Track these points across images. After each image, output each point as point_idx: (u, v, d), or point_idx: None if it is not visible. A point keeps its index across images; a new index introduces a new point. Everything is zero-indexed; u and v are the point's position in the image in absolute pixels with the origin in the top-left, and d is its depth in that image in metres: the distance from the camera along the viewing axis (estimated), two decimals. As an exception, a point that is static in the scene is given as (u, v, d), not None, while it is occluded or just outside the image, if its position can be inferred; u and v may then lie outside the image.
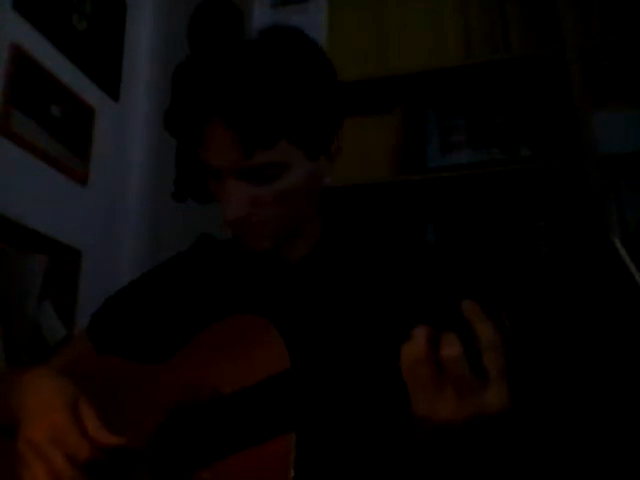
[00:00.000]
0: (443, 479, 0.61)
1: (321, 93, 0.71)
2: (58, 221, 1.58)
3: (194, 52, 0.71)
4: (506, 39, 1.58)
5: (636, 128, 1.42)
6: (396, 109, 1.67)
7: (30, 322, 1.43)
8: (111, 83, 1.90)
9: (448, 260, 0.84)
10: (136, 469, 0.69)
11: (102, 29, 1.87)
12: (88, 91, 1.76)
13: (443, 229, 1.57)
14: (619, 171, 1.43)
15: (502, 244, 1.50)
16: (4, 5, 1.46)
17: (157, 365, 0.75)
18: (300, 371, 0.62)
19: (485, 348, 0.52)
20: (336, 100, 0.74)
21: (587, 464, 1.08)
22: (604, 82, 1.48)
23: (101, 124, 1.80)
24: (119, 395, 0.74)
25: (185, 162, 1.88)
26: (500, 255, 1.49)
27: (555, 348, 0.55)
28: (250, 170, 0.68)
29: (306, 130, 0.69)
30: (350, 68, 1.66)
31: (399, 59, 1.66)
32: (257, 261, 0.82)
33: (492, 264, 1.48)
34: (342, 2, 1.76)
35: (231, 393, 0.65)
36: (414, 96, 1.66)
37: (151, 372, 0.74)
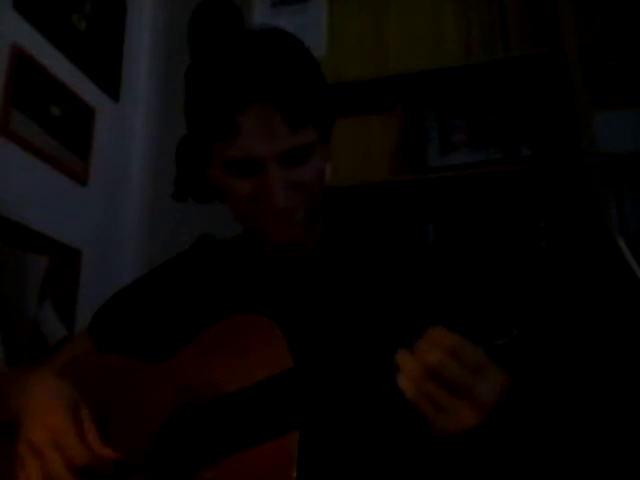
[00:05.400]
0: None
1: (323, 77, 0.76)
2: (58, 221, 1.57)
3: (201, 51, 0.70)
4: (506, 39, 1.58)
5: (636, 128, 1.42)
6: (396, 109, 1.67)
7: (30, 322, 1.43)
8: (111, 83, 1.90)
9: (451, 263, 0.84)
10: (133, 475, 0.68)
11: (102, 29, 1.86)
12: (88, 91, 1.75)
13: (443, 229, 1.57)
14: (619, 171, 1.43)
15: (502, 244, 1.50)
16: (4, 5, 1.45)
17: (159, 364, 0.75)
18: (303, 370, 0.62)
19: (452, 352, 0.54)
20: (331, 89, 0.78)
21: (593, 464, 1.08)
22: (604, 82, 1.48)
23: (101, 124, 1.80)
24: (120, 394, 0.74)
25: (186, 161, 1.89)
26: (500, 256, 1.49)
27: (563, 352, 0.56)
28: (292, 152, 0.69)
29: (323, 109, 0.73)
30: (350, 68, 1.66)
31: (399, 59, 1.66)
32: (259, 260, 0.82)
33: (494, 266, 1.48)
34: (342, 2, 1.76)
35: (234, 392, 0.65)
36: (414, 96, 1.65)
37: (153, 371, 0.74)
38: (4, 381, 0.78)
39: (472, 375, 0.54)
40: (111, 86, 1.89)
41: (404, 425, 0.57)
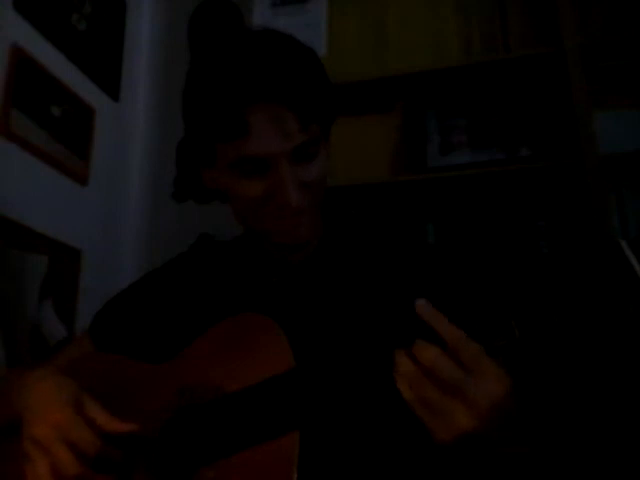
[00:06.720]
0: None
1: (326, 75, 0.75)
2: (58, 221, 1.57)
3: (203, 51, 0.69)
4: (506, 39, 1.58)
5: (636, 128, 1.42)
6: (396, 109, 1.67)
7: (30, 322, 1.43)
8: (111, 83, 1.90)
9: (452, 263, 0.84)
10: (139, 465, 0.69)
11: (102, 29, 1.86)
12: (88, 91, 1.75)
13: (443, 229, 1.57)
14: (619, 171, 1.43)
15: (502, 244, 1.50)
16: (4, 5, 1.45)
17: (160, 364, 0.75)
18: (304, 370, 0.62)
19: (450, 342, 0.54)
20: (333, 86, 0.78)
21: (593, 465, 1.08)
22: (604, 82, 1.48)
23: (101, 124, 1.80)
24: (121, 394, 0.74)
25: (186, 162, 1.88)
26: (501, 256, 1.49)
27: (563, 353, 0.55)
28: (301, 149, 0.69)
29: (324, 106, 0.73)
30: (350, 68, 1.66)
31: (399, 59, 1.66)
32: (260, 261, 0.82)
33: (495, 267, 1.48)
34: (342, 2, 1.76)
35: (235, 392, 0.65)
36: (414, 96, 1.65)
37: (154, 371, 0.74)
38: (4, 382, 0.78)
39: (466, 376, 0.53)
40: (111, 86, 1.89)
41: (406, 427, 0.57)
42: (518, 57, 1.52)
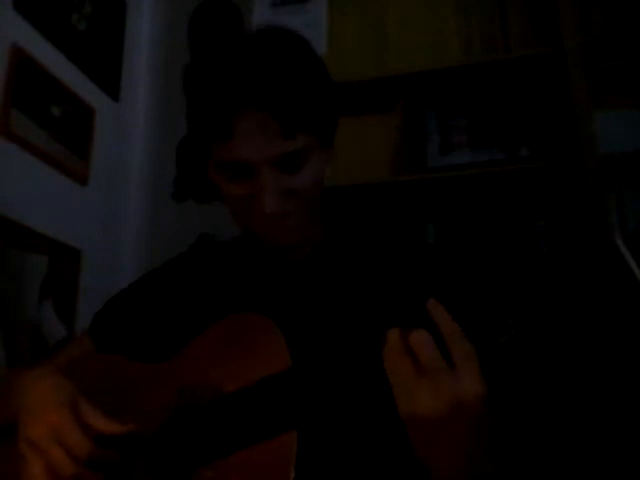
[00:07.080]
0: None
1: (328, 80, 0.75)
2: (58, 221, 1.58)
3: (200, 51, 0.69)
4: (506, 39, 1.58)
5: (636, 128, 1.42)
6: (396, 109, 1.67)
7: (30, 322, 1.43)
8: (111, 83, 1.90)
9: (451, 262, 0.84)
10: (138, 465, 0.69)
11: (102, 29, 1.86)
12: (88, 91, 1.76)
13: (443, 229, 1.57)
14: (619, 171, 1.43)
15: (502, 244, 1.50)
16: (4, 5, 1.45)
17: (158, 364, 0.75)
18: (301, 370, 0.62)
19: (445, 335, 0.54)
20: (336, 91, 0.77)
21: (589, 464, 1.08)
22: (604, 82, 1.48)
23: (101, 124, 1.80)
24: (120, 394, 0.74)
25: (186, 161, 1.89)
26: (500, 255, 1.49)
27: (560, 352, 0.56)
28: (285, 158, 0.68)
29: (323, 114, 0.72)
30: (350, 68, 1.66)
31: (399, 59, 1.66)
32: (259, 261, 0.82)
33: (493, 265, 1.48)
34: (342, 2, 1.76)
35: (233, 392, 0.66)
36: (414, 96, 1.66)
37: (153, 371, 0.74)
38: (4, 382, 0.78)
39: (449, 369, 0.53)
40: (111, 86, 1.89)
41: (404, 425, 0.57)
42: (518, 57, 1.52)
